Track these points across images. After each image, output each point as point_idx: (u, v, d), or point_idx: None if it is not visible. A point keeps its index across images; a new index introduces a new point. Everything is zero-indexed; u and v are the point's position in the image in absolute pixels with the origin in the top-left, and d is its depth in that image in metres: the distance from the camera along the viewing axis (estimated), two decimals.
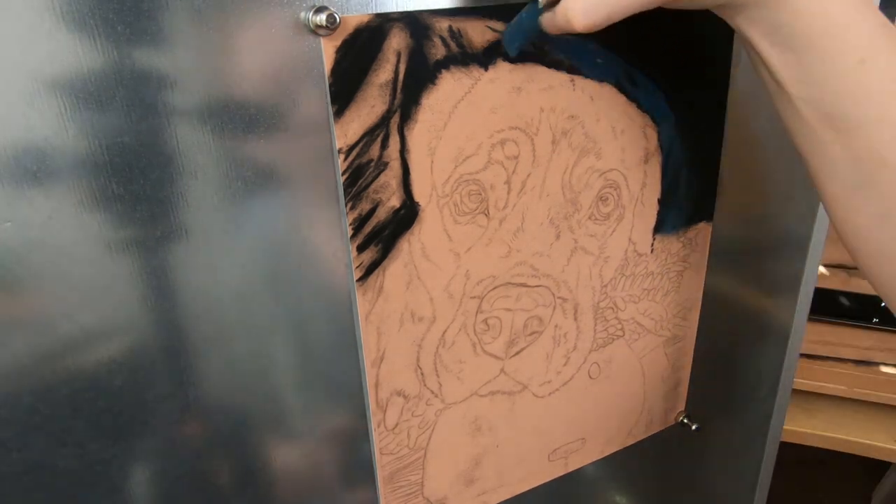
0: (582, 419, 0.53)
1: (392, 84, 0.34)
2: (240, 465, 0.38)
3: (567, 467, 0.55)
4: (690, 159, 0.48)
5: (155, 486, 0.36)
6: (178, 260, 0.32)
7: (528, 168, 0.41)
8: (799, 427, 0.96)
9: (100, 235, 0.30)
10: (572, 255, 0.45)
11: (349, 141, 0.34)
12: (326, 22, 0.31)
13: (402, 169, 0.36)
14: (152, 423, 0.34)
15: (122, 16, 0.27)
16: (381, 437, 0.42)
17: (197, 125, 0.31)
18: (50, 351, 0.31)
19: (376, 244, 0.37)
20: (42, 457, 0.32)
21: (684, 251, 0.52)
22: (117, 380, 0.32)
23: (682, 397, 0.60)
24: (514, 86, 0.38)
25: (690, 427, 0.61)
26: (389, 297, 0.39)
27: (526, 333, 0.46)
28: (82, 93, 0.28)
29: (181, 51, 0.29)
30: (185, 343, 0.34)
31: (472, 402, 0.46)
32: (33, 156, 0.27)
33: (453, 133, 0.37)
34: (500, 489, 0.51)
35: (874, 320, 0.92)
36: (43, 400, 0.31)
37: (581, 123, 0.42)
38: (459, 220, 0.39)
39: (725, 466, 0.68)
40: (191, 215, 0.32)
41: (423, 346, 0.41)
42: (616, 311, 0.50)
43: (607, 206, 0.46)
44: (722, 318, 0.59)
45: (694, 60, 0.45)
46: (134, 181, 0.30)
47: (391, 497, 0.45)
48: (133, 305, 0.32)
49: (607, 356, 0.51)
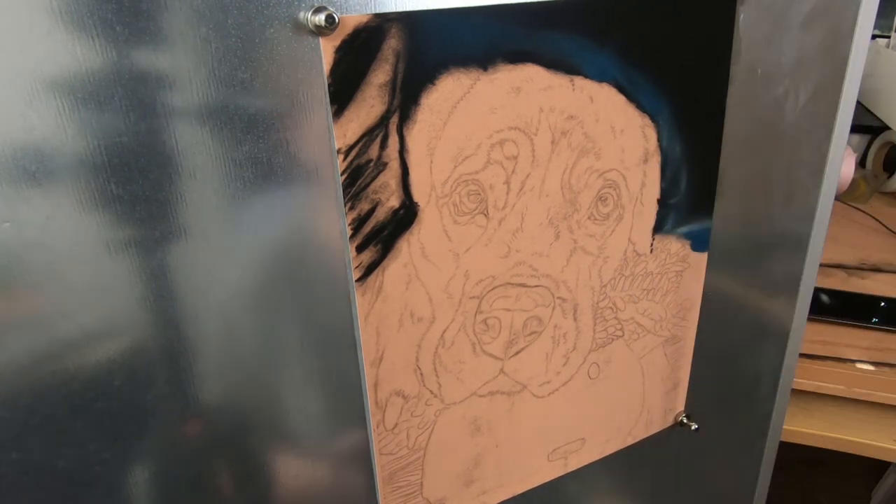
0: (581, 419, 0.53)
1: (391, 84, 0.34)
2: (239, 465, 0.38)
3: (566, 467, 0.55)
4: (690, 159, 0.48)
5: (154, 487, 0.36)
6: (177, 260, 0.32)
7: (527, 168, 0.41)
8: (799, 427, 0.96)
9: (99, 236, 0.30)
10: (572, 256, 0.45)
11: (348, 141, 0.34)
12: (325, 22, 0.31)
13: (402, 169, 0.36)
14: (151, 423, 0.34)
15: (120, 16, 0.27)
16: (380, 438, 0.42)
17: (196, 125, 0.31)
18: (49, 351, 0.31)
19: (375, 244, 0.37)
20: (41, 457, 0.32)
21: (683, 251, 0.52)
22: (116, 380, 0.32)
23: (681, 397, 0.60)
24: (514, 86, 0.38)
25: (690, 427, 0.61)
26: (389, 298, 0.39)
27: (525, 333, 0.46)
28: (81, 93, 0.28)
29: (180, 51, 0.29)
30: (184, 343, 0.34)
31: (471, 403, 0.46)
32: (32, 156, 0.27)
33: (452, 133, 0.37)
34: (500, 489, 0.51)
35: (874, 320, 0.91)
36: (42, 400, 0.31)
37: (580, 123, 0.42)
38: (459, 221, 0.39)
39: (725, 466, 0.68)
40: (190, 216, 0.32)
41: (423, 346, 0.41)
42: (615, 311, 0.50)
43: (606, 207, 0.46)
44: (722, 318, 0.59)
45: (693, 60, 0.45)
46: (133, 181, 0.30)
47: (390, 497, 0.45)
48: (132, 306, 0.32)
49: (607, 356, 0.51)
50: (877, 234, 1.00)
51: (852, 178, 1.01)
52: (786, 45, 0.48)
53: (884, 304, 0.88)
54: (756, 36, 0.47)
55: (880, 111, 1.07)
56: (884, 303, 0.87)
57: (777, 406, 0.60)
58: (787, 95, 0.50)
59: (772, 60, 0.48)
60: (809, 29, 0.47)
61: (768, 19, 0.47)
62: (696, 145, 0.48)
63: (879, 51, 1.08)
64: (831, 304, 0.93)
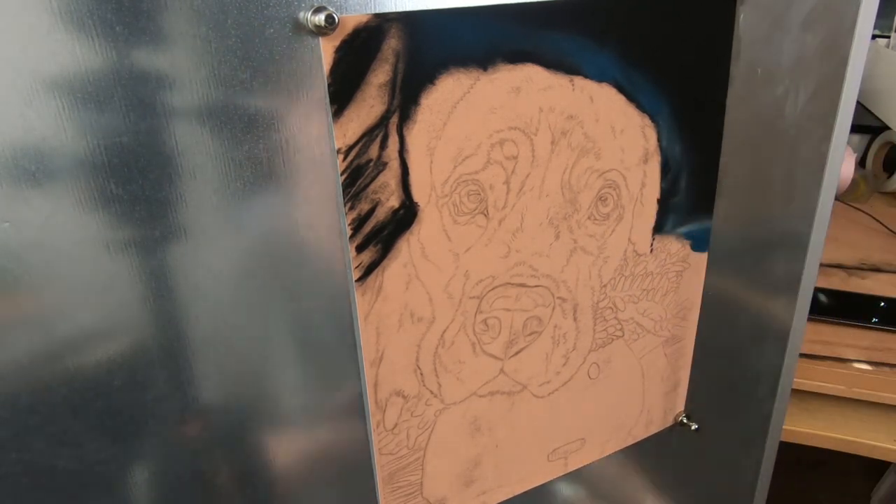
0: (581, 419, 0.53)
1: (391, 84, 0.34)
2: (239, 465, 0.38)
3: (566, 467, 0.55)
4: (690, 159, 0.48)
5: (154, 486, 0.36)
6: (176, 260, 0.32)
7: (527, 168, 0.41)
8: (799, 427, 0.95)
9: (98, 236, 0.30)
10: (571, 256, 0.45)
11: (348, 141, 0.34)
12: (325, 22, 0.31)
13: (402, 169, 0.36)
14: (151, 423, 0.34)
15: (120, 16, 0.27)
16: (380, 438, 0.42)
17: (196, 125, 0.30)
18: (49, 351, 0.31)
19: (375, 244, 0.37)
20: (41, 457, 0.32)
21: (683, 251, 0.52)
22: (116, 380, 0.32)
23: (681, 397, 0.60)
24: (514, 86, 0.38)
25: (690, 427, 0.61)
26: (389, 298, 0.39)
27: (525, 333, 0.46)
28: (81, 93, 0.27)
29: (180, 51, 0.29)
30: (184, 343, 0.34)
31: (471, 403, 0.46)
32: (31, 156, 0.27)
33: (452, 133, 0.37)
34: (500, 489, 0.51)
35: (874, 320, 0.91)
36: (42, 400, 0.31)
37: (580, 123, 0.42)
38: (459, 221, 0.39)
39: (725, 466, 0.68)
40: (189, 216, 0.32)
41: (423, 346, 0.41)
42: (615, 312, 0.50)
43: (606, 207, 0.46)
44: (721, 318, 0.59)
45: (693, 60, 0.45)
46: (132, 181, 0.30)
47: (390, 497, 0.45)
48: (132, 306, 0.32)
49: (606, 356, 0.51)
50: (877, 234, 1.00)
51: (852, 178, 1.01)
52: (786, 45, 0.48)
53: (884, 304, 0.88)
54: (756, 36, 0.47)
55: (880, 111, 1.07)
56: (884, 303, 0.87)
57: (777, 406, 0.60)
58: (787, 95, 0.50)
59: (772, 60, 0.48)
60: (809, 29, 0.47)
61: (768, 19, 0.47)
62: (696, 145, 0.48)
63: (879, 51, 1.08)
64: (831, 304, 0.93)
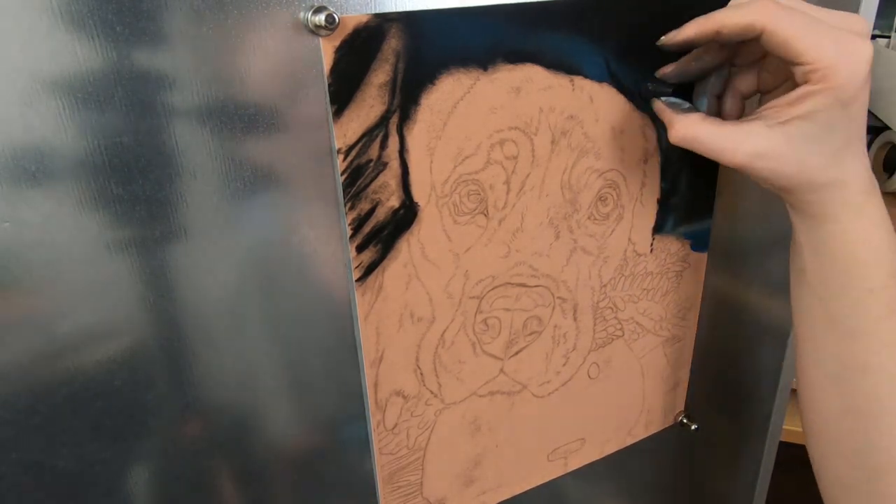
0: (581, 419, 0.53)
1: (391, 84, 0.34)
2: (239, 465, 0.38)
3: (566, 467, 0.55)
4: (690, 159, 0.48)
5: (154, 487, 0.36)
6: (176, 260, 0.32)
7: (527, 168, 0.41)
8: (799, 427, 0.95)
9: (98, 236, 0.30)
10: (571, 255, 0.45)
11: (348, 141, 0.34)
12: (325, 22, 0.31)
13: (402, 169, 0.36)
14: (151, 423, 0.34)
15: (120, 16, 0.27)
16: (380, 438, 0.42)
17: (196, 125, 0.30)
18: (49, 351, 0.31)
19: (375, 244, 0.37)
20: (41, 457, 0.32)
21: (683, 251, 0.52)
22: (116, 380, 0.32)
23: (681, 397, 0.60)
24: (514, 86, 0.38)
25: (690, 427, 0.61)
26: (389, 298, 0.39)
27: (525, 333, 0.46)
28: (81, 93, 0.27)
29: (180, 51, 0.29)
30: (184, 343, 0.34)
31: (471, 403, 0.46)
32: (32, 156, 0.27)
33: (452, 133, 0.37)
34: (500, 489, 0.51)
35: None
36: (42, 400, 0.31)
37: (580, 123, 0.42)
38: (459, 220, 0.39)
39: (725, 466, 0.68)
40: (190, 215, 0.32)
41: (423, 346, 0.41)
42: (615, 311, 0.50)
43: (606, 206, 0.46)
44: (721, 318, 0.59)
45: None
46: (133, 181, 0.30)
47: (390, 497, 0.45)
48: (132, 306, 0.32)
49: (607, 356, 0.51)
50: None
51: None
52: None
53: None
54: None
55: (880, 111, 1.06)
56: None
57: (777, 406, 0.60)
58: None
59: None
60: None
61: None
62: None
63: (879, 51, 1.08)
64: None
